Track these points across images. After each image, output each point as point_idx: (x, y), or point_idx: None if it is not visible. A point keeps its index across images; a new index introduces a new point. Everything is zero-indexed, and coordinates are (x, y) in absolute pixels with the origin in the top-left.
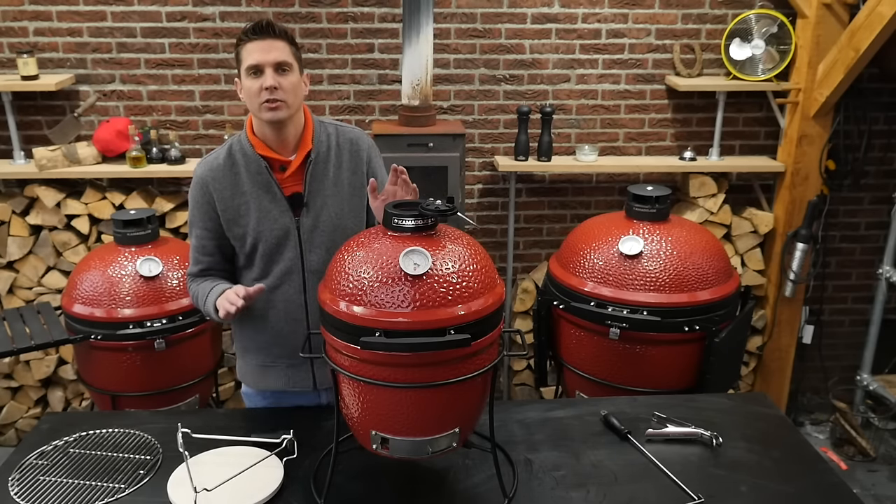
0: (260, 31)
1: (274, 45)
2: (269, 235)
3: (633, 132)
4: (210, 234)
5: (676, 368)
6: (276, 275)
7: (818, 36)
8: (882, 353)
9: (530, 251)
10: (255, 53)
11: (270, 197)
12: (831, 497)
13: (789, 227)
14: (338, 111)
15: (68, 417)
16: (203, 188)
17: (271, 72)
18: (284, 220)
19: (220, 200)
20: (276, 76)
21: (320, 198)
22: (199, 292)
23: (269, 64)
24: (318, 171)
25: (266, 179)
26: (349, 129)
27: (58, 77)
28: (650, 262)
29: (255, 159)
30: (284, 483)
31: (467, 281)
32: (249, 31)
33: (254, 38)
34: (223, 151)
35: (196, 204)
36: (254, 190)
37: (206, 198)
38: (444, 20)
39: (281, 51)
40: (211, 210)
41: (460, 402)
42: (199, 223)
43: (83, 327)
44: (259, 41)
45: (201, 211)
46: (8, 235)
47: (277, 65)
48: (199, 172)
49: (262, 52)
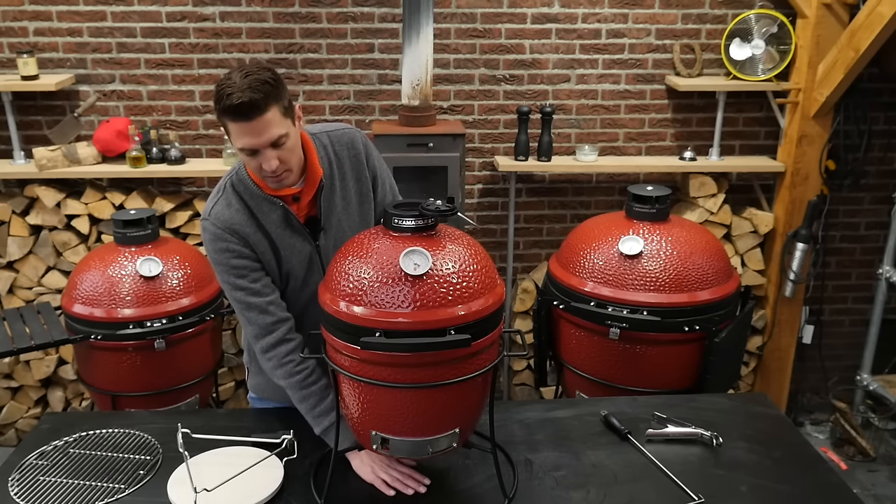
0: (243, 112)
1: (263, 122)
2: (298, 267)
3: (633, 132)
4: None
5: (676, 368)
6: (302, 303)
7: (818, 36)
8: (882, 353)
9: (530, 251)
10: (244, 137)
11: (291, 230)
12: (831, 497)
13: (789, 227)
14: (338, 111)
15: (68, 417)
16: (235, 235)
17: (268, 151)
18: (306, 248)
19: (254, 244)
20: (274, 153)
21: (334, 216)
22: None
23: (263, 146)
24: (328, 191)
25: (283, 215)
26: (340, 133)
27: (58, 77)
28: (650, 262)
29: (267, 198)
30: (284, 483)
31: (467, 281)
32: (231, 112)
33: (239, 119)
34: (230, 196)
35: (234, 254)
36: (273, 228)
37: (243, 243)
38: (444, 20)
39: (272, 125)
40: (252, 252)
41: (460, 403)
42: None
43: (83, 327)
44: (244, 124)
45: (244, 257)
46: (8, 235)
47: (273, 143)
48: (220, 225)
49: (253, 136)
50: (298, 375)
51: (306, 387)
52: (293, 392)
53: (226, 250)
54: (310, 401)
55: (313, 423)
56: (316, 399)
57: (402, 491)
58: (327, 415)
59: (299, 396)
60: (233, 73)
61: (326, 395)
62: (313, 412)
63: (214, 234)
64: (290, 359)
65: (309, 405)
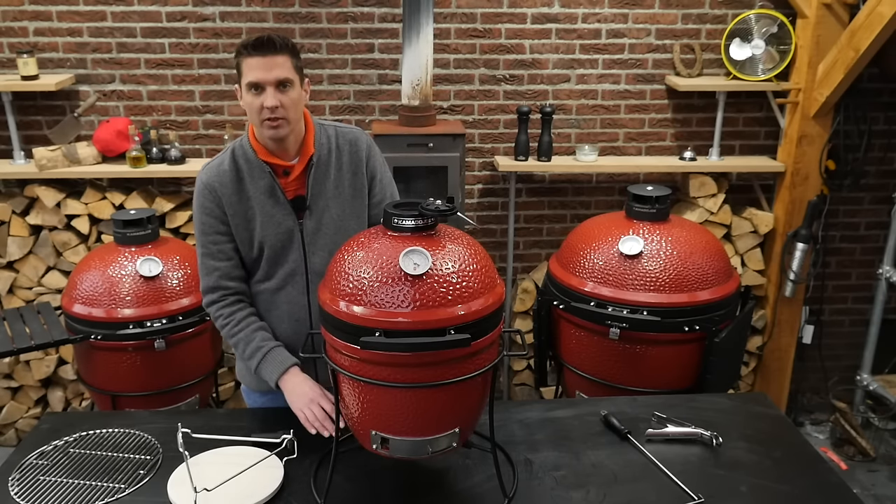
0: (261, 46)
1: (275, 61)
2: (274, 239)
3: (633, 132)
4: (226, 238)
5: (676, 368)
6: (279, 277)
7: (818, 36)
8: (882, 353)
9: (530, 251)
10: (255, 70)
11: (274, 201)
12: (831, 497)
13: (789, 227)
14: (338, 111)
15: (68, 417)
16: (212, 193)
17: (272, 90)
18: (288, 224)
19: (228, 205)
20: (277, 94)
21: (322, 200)
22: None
23: (269, 82)
24: (320, 173)
25: (270, 184)
26: (348, 130)
27: (58, 77)
28: (650, 262)
29: (259, 165)
30: (284, 483)
31: (467, 281)
32: (250, 46)
33: (254, 53)
34: (227, 157)
35: (205, 210)
36: (258, 195)
37: (216, 202)
38: (444, 20)
39: (282, 67)
40: (222, 213)
41: (460, 402)
42: (211, 229)
43: (83, 327)
44: (260, 57)
45: (213, 216)
46: (8, 235)
47: (279, 82)
48: (204, 179)
49: (263, 70)
50: (227, 326)
51: (234, 335)
52: (229, 341)
53: (200, 205)
54: (240, 346)
55: (249, 366)
56: (244, 343)
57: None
58: (255, 354)
59: (232, 343)
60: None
61: (253, 337)
62: (244, 355)
63: (198, 188)
64: (221, 313)
65: (240, 350)
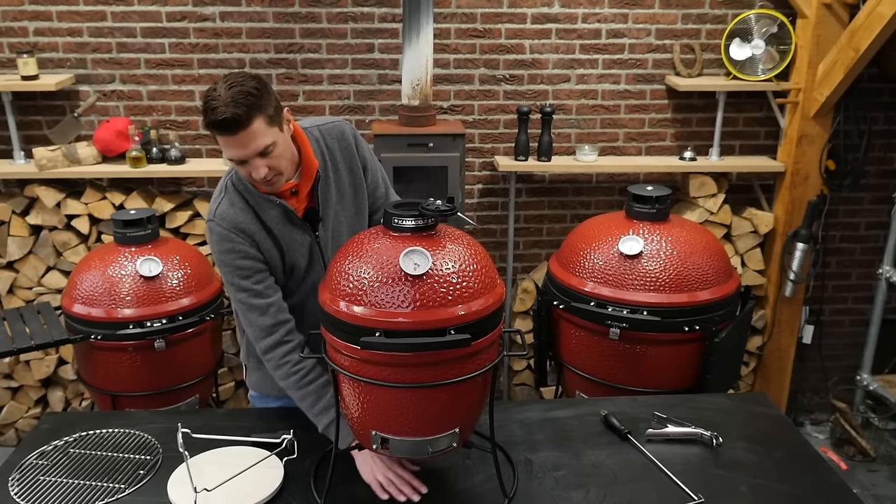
0: (226, 127)
1: (247, 135)
2: (301, 260)
3: (633, 132)
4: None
5: (676, 368)
6: (303, 291)
7: (818, 36)
8: (882, 353)
9: (530, 251)
10: (231, 149)
11: (290, 224)
12: (831, 497)
13: (789, 227)
14: (338, 111)
15: (68, 417)
16: (241, 234)
17: (256, 160)
18: (307, 241)
19: (261, 241)
20: (262, 161)
21: (331, 208)
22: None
23: (251, 157)
24: (324, 183)
25: (283, 211)
26: (331, 126)
27: (58, 77)
28: (650, 262)
29: (266, 197)
30: (284, 483)
31: (467, 281)
32: (215, 127)
33: (223, 133)
34: (232, 196)
35: (240, 255)
36: (275, 224)
37: (250, 242)
38: (444, 20)
39: (257, 137)
40: (257, 252)
41: (460, 402)
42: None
43: (83, 327)
44: (230, 137)
45: (250, 257)
46: (8, 235)
47: (259, 153)
48: (226, 225)
49: (240, 148)
50: (296, 375)
51: (303, 386)
52: (292, 392)
53: (231, 251)
54: (309, 399)
55: (315, 422)
56: (314, 398)
57: (395, 496)
58: (327, 412)
59: (298, 396)
60: (219, 84)
61: (325, 392)
62: (313, 410)
63: (221, 235)
64: (288, 359)
65: (308, 403)
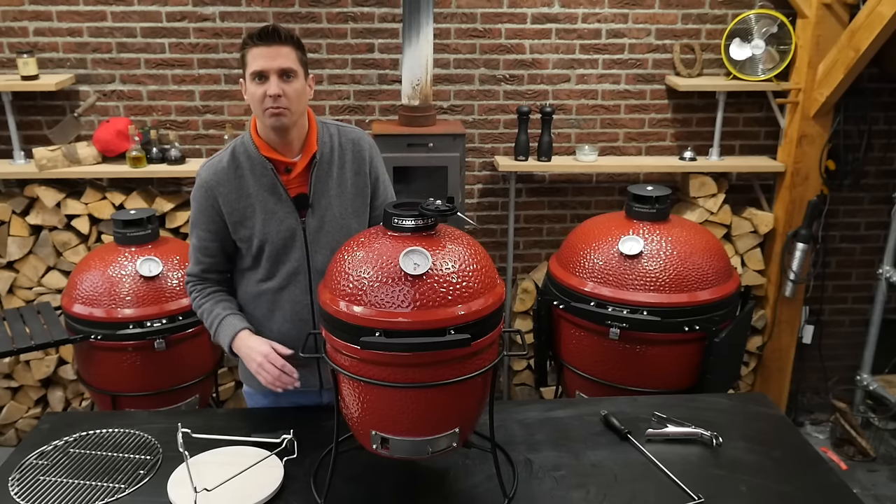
0: (266, 36)
1: (279, 51)
2: (276, 237)
3: (633, 132)
4: (213, 237)
5: (676, 368)
6: (282, 276)
7: (818, 36)
8: (882, 353)
9: (530, 251)
10: (259, 59)
11: (276, 198)
12: (831, 497)
13: (789, 227)
14: (338, 111)
15: (68, 417)
16: (207, 191)
17: (276, 79)
18: (290, 222)
19: (225, 203)
20: (280, 83)
21: (325, 198)
22: (206, 312)
23: (273, 71)
24: (323, 172)
25: (271, 181)
26: (350, 130)
27: (58, 77)
28: (650, 262)
29: (260, 161)
30: (284, 483)
31: (467, 281)
32: (255, 36)
33: (259, 43)
34: (227, 154)
35: (199, 207)
36: (259, 192)
37: (211, 201)
38: (444, 20)
39: (286, 57)
40: (215, 213)
41: (460, 402)
42: (201, 225)
43: (83, 327)
44: (264, 47)
45: (205, 214)
46: (8, 235)
47: (282, 71)
48: (203, 176)
49: (267, 59)
50: (195, 301)
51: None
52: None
53: (196, 199)
54: (204, 319)
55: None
56: (206, 315)
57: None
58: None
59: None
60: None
61: (213, 308)
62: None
63: (197, 183)
64: (193, 288)
65: (206, 324)
